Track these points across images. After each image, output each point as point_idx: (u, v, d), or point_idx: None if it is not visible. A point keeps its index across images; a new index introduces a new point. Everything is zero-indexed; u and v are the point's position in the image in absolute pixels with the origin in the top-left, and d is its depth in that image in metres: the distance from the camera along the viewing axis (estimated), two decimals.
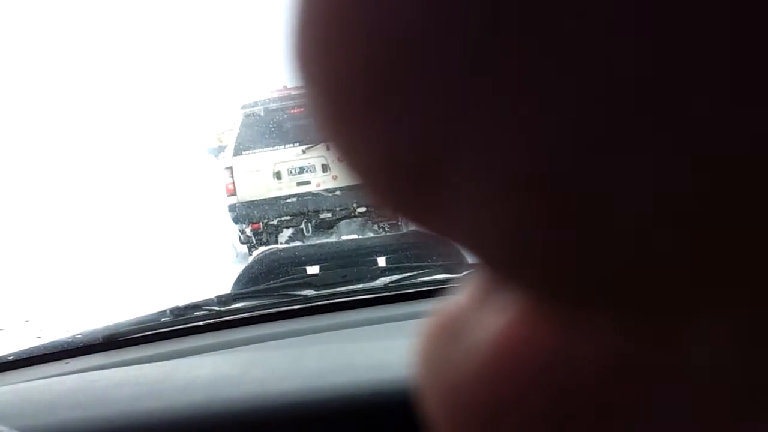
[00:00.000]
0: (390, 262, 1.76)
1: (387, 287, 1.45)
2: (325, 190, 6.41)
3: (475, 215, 0.09)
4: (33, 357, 1.27)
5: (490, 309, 0.10)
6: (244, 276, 1.83)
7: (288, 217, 6.49)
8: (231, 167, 6.51)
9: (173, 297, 1.54)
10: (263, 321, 1.36)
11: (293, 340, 1.23)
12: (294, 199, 6.49)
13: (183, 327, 1.35)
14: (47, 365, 1.25)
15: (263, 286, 1.65)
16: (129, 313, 1.43)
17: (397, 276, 1.53)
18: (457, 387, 0.10)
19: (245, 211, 6.46)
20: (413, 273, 1.53)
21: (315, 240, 5.91)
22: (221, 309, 1.42)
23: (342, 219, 6.42)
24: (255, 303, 1.46)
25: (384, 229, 6.09)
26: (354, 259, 1.84)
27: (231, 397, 0.78)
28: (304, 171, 6.53)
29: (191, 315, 1.39)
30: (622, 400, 0.09)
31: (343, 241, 3.39)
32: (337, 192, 6.28)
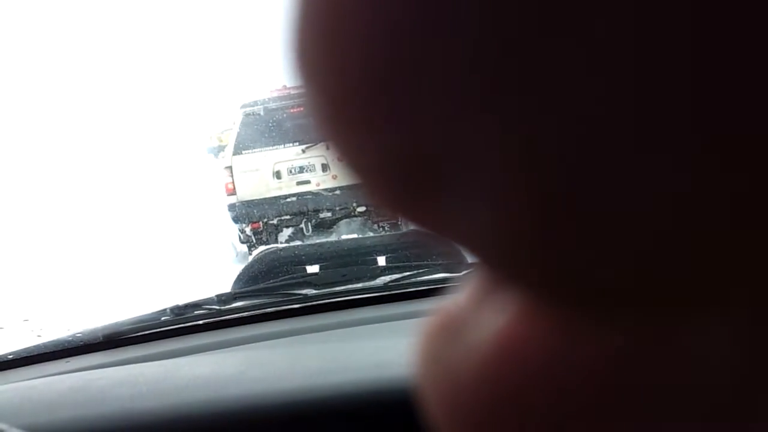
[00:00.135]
0: (390, 261, 1.76)
1: (387, 286, 1.45)
2: (325, 189, 6.41)
3: (474, 215, 0.09)
4: (33, 356, 1.27)
5: (489, 308, 0.10)
6: (244, 275, 1.83)
7: (288, 217, 6.48)
8: (231, 167, 6.50)
9: (173, 296, 1.54)
10: (263, 320, 1.36)
11: (293, 339, 1.23)
12: (294, 199, 6.48)
13: (183, 326, 1.35)
14: (47, 364, 1.25)
15: (263, 285, 1.65)
16: (129, 312, 1.43)
17: (397, 275, 1.52)
18: (457, 386, 0.10)
19: (245, 211, 6.45)
20: (413, 272, 1.53)
21: (315, 239, 5.90)
22: (221, 308, 1.42)
23: (342, 218, 6.42)
24: (255, 302, 1.46)
25: (384, 229, 6.08)
26: (354, 259, 1.84)
27: (231, 396, 0.78)
28: (303, 170, 6.52)
29: (191, 314, 1.39)
30: (621, 399, 0.09)
31: (343, 241, 3.39)
32: (337, 191, 6.27)
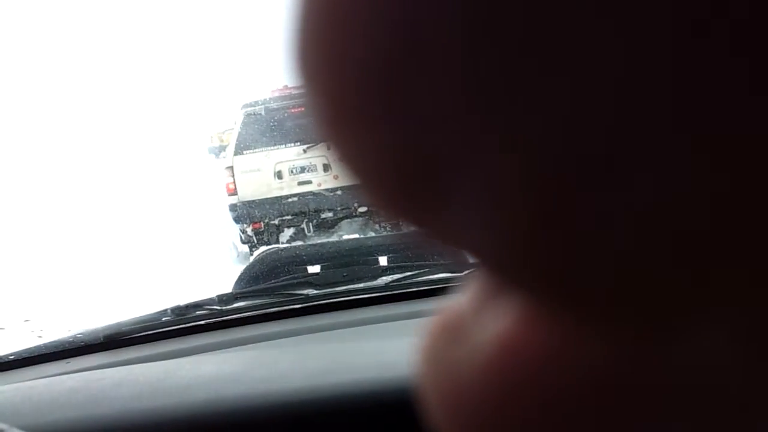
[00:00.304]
0: (391, 261, 1.76)
1: (388, 286, 1.46)
2: (327, 189, 6.41)
3: (474, 219, 0.09)
4: (34, 356, 1.27)
5: (491, 311, 0.10)
6: (245, 275, 1.83)
7: (289, 217, 6.49)
8: (232, 167, 6.51)
9: (174, 296, 1.54)
10: (264, 320, 1.36)
11: (294, 339, 1.23)
12: (295, 199, 6.49)
13: (184, 326, 1.35)
14: (48, 364, 1.25)
15: (264, 285, 1.66)
16: (130, 313, 1.43)
17: (398, 275, 1.53)
18: (459, 387, 0.10)
19: (246, 211, 6.46)
20: (414, 272, 1.53)
21: (316, 239, 5.91)
22: (222, 308, 1.43)
23: (343, 218, 6.42)
24: (256, 302, 1.46)
25: (385, 229, 6.09)
26: (355, 259, 1.84)
27: (232, 396, 0.78)
28: (305, 170, 6.53)
29: (192, 314, 1.40)
30: (622, 402, 0.09)
31: (345, 241, 3.39)
32: (339, 191, 6.28)
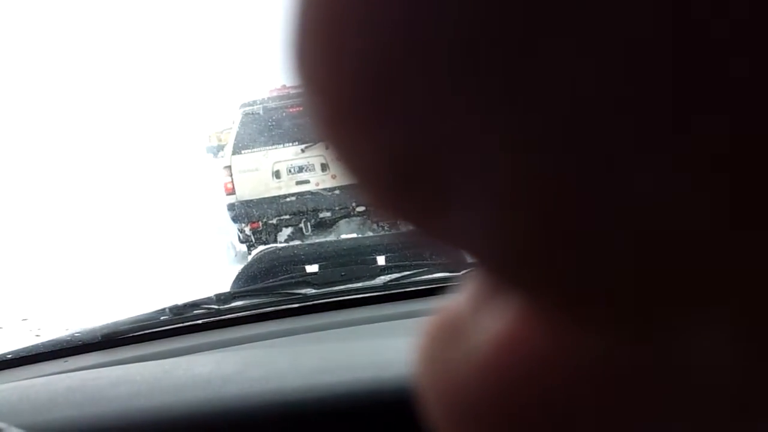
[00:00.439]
0: (389, 260, 1.76)
1: (386, 286, 1.45)
2: (324, 189, 6.41)
3: (473, 219, 0.09)
4: (32, 355, 1.27)
5: (489, 310, 0.10)
6: (243, 275, 1.83)
7: (287, 216, 6.48)
8: (230, 166, 6.50)
9: (172, 295, 1.54)
10: (262, 319, 1.36)
11: (292, 338, 1.23)
12: (293, 198, 6.48)
13: (182, 325, 1.35)
14: (46, 363, 1.24)
15: (262, 284, 1.65)
16: (128, 312, 1.43)
17: (397, 274, 1.52)
18: (457, 386, 0.10)
19: (244, 210, 6.46)
20: (412, 271, 1.53)
21: (314, 239, 5.90)
22: (220, 307, 1.42)
23: (341, 218, 6.42)
24: (254, 301, 1.46)
25: (383, 228, 6.08)
26: (353, 258, 1.84)
27: (230, 396, 0.78)
28: (303, 170, 6.53)
29: (190, 313, 1.39)
30: (621, 401, 0.09)
31: (343, 240, 3.39)
32: (337, 191, 6.27)
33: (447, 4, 0.08)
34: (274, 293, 1.52)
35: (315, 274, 1.68)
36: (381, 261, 1.76)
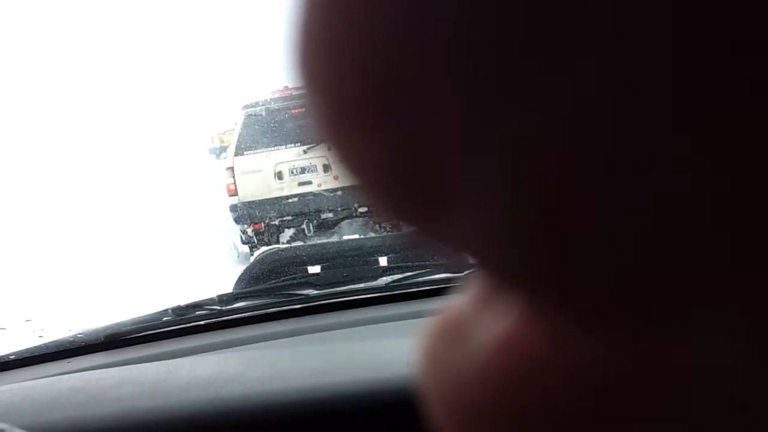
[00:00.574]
0: (391, 261, 1.76)
1: (388, 286, 1.45)
2: (327, 190, 6.41)
3: (473, 220, 0.09)
4: (35, 356, 1.27)
5: (491, 311, 0.10)
6: (245, 275, 1.83)
7: (289, 217, 6.48)
8: (232, 167, 6.51)
9: (175, 296, 1.54)
10: (264, 320, 1.36)
11: (294, 339, 1.23)
12: (295, 199, 6.49)
13: (184, 326, 1.35)
14: (49, 364, 1.25)
15: (264, 285, 1.65)
16: (130, 313, 1.43)
17: (399, 275, 1.52)
18: (459, 386, 0.10)
19: (247, 212, 6.46)
20: (414, 272, 1.53)
21: (316, 240, 5.90)
22: (223, 308, 1.42)
23: (343, 219, 6.41)
24: (256, 302, 1.46)
25: (385, 229, 6.08)
26: (355, 259, 1.84)
27: (232, 396, 0.78)
28: (305, 171, 6.53)
29: (192, 314, 1.39)
30: (621, 401, 0.09)
31: (345, 241, 3.39)
32: (339, 192, 6.27)
33: (447, 4, 0.08)
34: (276, 294, 1.52)
35: (317, 275, 1.68)
36: (383, 262, 1.76)
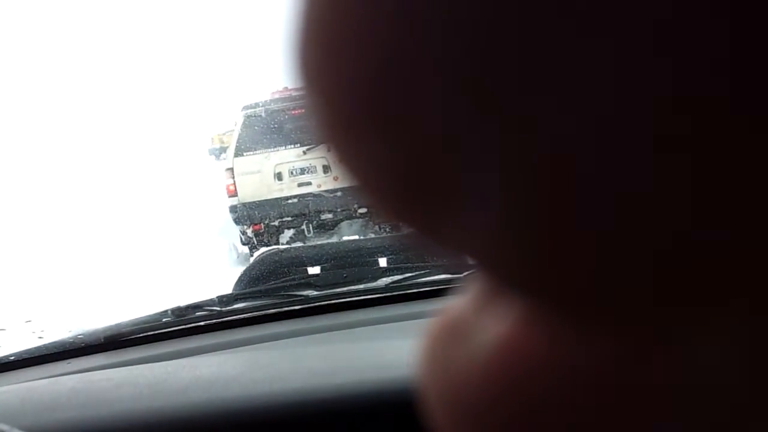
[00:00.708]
0: (391, 262, 1.76)
1: (388, 287, 1.45)
2: (326, 191, 6.41)
3: (473, 222, 0.09)
4: (35, 357, 1.27)
5: (491, 312, 0.10)
6: (245, 276, 1.83)
7: (289, 218, 6.48)
8: (232, 168, 6.51)
9: (175, 297, 1.54)
10: (264, 321, 1.36)
11: (294, 340, 1.23)
12: (295, 200, 6.49)
13: (184, 327, 1.35)
14: (49, 365, 1.25)
15: (264, 286, 1.65)
16: (130, 314, 1.43)
17: (399, 276, 1.52)
18: (459, 387, 0.10)
19: (246, 212, 6.46)
20: (414, 273, 1.53)
21: (316, 241, 5.90)
22: (222, 309, 1.42)
23: (343, 220, 6.41)
24: (256, 303, 1.46)
25: (385, 230, 6.08)
26: (355, 260, 1.84)
27: (232, 397, 0.78)
28: (305, 172, 6.53)
29: (192, 315, 1.39)
30: (621, 402, 0.09)
31: (345, 242, 3.39)
32: (338, 193, 6.27)
33: (448, 6, 0.08)
34: (276, 295, 1.52)
35: (317, 275, 1.68)
36: (383, 263, 1.76)
